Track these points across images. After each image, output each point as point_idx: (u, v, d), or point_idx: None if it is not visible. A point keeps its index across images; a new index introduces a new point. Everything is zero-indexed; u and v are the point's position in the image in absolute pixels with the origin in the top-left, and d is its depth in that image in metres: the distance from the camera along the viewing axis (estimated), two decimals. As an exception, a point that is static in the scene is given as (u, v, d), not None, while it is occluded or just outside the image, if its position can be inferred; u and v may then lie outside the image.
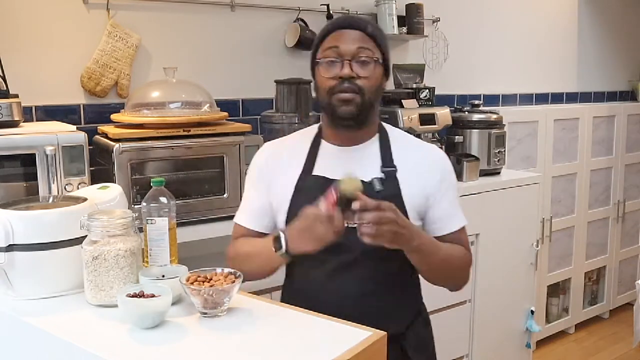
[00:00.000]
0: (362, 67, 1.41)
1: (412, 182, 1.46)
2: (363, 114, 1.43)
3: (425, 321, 1.59)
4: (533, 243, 3.06)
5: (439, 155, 1.54)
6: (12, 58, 2.06)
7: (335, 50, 1.41)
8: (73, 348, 1.14)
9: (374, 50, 1.43)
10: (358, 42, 1.41)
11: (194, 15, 2.51)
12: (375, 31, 1.44)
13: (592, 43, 4.23)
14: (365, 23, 1.45)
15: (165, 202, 1.41)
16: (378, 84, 1.44)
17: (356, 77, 1.40)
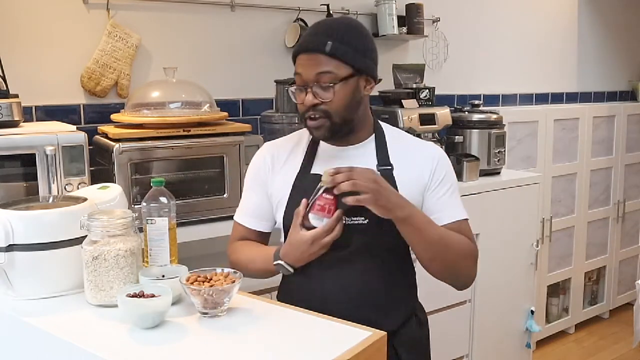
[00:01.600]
0: (325, 91, 1.39)
1: (408, 179, 1.46)
2: (338, 133, 1.44)
3: (420, 322, 1.58)
4: (533, 243, 3.06)
5: (435, 151, 1.53)
6: (12, 58, 2.06)
7: (299, 77, 1.42)
8: (73, 348, 1.14)
9: (337, 71, 1.39)
10: (317, 67, 1.38)
11: (194, 15, 2.51)
12: (336, 47, 1.38)
13: (592, 43, 4.23)
14: (324, 41, 1.38)
15: (165, 202, 1.41)
16: (347, 101, 1.41)
17: (320, 103, 1.40)
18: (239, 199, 2.15)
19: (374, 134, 1.52)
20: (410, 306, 1.56)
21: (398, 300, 1.51)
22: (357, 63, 1.41)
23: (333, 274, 1.45)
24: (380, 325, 1.22)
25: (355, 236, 1.43)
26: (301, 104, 1.43)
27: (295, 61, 1.44)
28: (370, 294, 1.45)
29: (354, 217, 1.43)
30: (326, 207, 1.34)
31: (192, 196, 2.10)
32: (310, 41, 1.41)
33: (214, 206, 2.13)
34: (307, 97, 1.40)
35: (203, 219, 2.12)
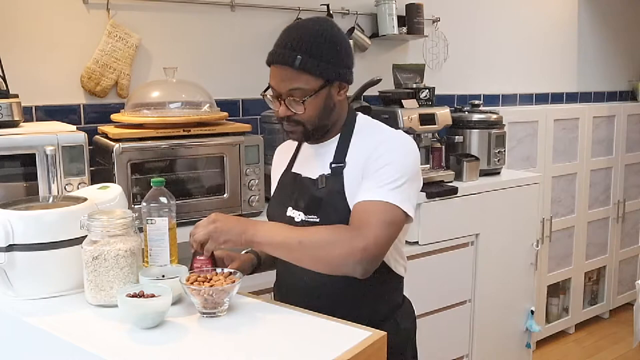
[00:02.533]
0: (296, 105, 1.41)
1: (356, 174, 1.42)
2: (313, 136, 1.48)
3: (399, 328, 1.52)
4: (533, 243, 3.06)
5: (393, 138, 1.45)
6: (12, 58, 2.06)
7: (272, 88, 1.46)
8: (73, 348, 1.14)
9: (306, 85, 1.39)
10: (288, 81, 1.40)
11: (194, 15, 2.51)
12: (305, 61, 1.36)
13: (592, 43, 4.23)
14: (293, 55, 1.37)
15: (165, 202, 1.41)
16: (319, 111, 1.42)
17: (293, 114, 1.43)
18: (239, 199, 2.18)
19: (341, 132, 1.50)
20: (380, 310, 1.50)
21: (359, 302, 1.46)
22: (327, 74, 1.40)
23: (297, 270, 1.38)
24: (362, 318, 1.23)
25: None
26: (276, 111, 1.47)
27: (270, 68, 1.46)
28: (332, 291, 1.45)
29: (309, 215, 1.46)
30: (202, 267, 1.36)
31: (192, 196, 2.10)
32: (280, 54, 1.40)
33: (214, 206, 2.13)
34: (281, 108, 1.44)
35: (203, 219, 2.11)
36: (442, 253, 2.64)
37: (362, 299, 1.48)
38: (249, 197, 2.19)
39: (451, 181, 2.77)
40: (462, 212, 2.71)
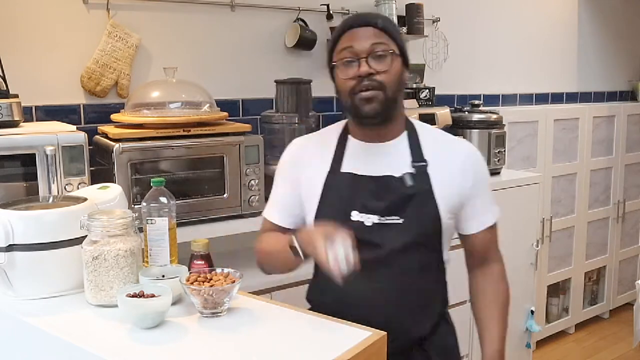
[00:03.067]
0: (380, 62, 1.37)
1: (443, 178, 1.42)
2: (387, 110, 1.40)
3: (449, 325, 1.57)
4: (533, 243, 3.06)
5: (470, 150, 1.50)
6: (12, 58, 2.06)
7: (350, 50, 1.38)
8: (73, 348, 1.14)
9: (389, 43, 1.39)
10: (371, 38, 1.38)
11: (194, 15, 2.51)
12: (387, 24, 1.41)
13: (592, 43, 4.23)
14: (375, 18, 1.41)
15: (165, 202, 1.41)
16: (398, 76, 1.40)
17: (375, 73, 1.37)
18: (239, 199, 2.17)
19: (407, 130, 1.47)
20: (441, 310, 1.53)
21: (431, 304, 1.48)
22: (402, 44, 1.43)
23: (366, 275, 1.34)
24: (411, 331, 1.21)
25: (392, 236, 1.39)
26: (351, 78, 1.38)
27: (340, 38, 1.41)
28: (403, 298, 1.41)
29: (389, 216, 1.39)
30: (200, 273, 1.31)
31: (192, 196, 2.10)
32: (360, 17, 1.42)
33: (214, 206, 2.13)
34: (362, 67, 1.37)
35: (203, 219, 2.12)
36: (442, 253, 2.64)
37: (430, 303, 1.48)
38: (249, 197, 2.19)
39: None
40: (462, 212, 2.71)
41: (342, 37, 1.41)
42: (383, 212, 1.39)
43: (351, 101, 1.39)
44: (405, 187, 1.40)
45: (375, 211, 1.39)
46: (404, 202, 1.39)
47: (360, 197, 1.41)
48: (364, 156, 1.45)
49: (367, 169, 1.43)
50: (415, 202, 1.39)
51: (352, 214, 1.40)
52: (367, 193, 1.41)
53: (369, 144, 1.46)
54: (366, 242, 1.35)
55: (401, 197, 1.39)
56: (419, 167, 1.42)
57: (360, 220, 1.40)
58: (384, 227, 1.38)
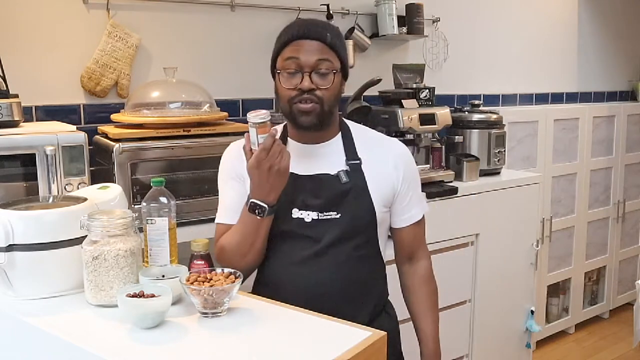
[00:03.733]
0: (322, 79, 1.45)
1: (376, 173, 1.52)
2: (324, 121, 1.48)
3: (390, 316, 1.63)
4: (533, 243, 3.06)
5: (401, 149, 1.60)
6: (12, 58, 2.06)
7: (295, 62, 1.44)
8: (73, 348, 1.14)
9: (334, 61, 1.46)
10: (317, 53, 1.44)
11: (194, 15, 2.51)
12: (334, 40, 1.46)
13: (592, 43, 4.23)
14: (324, 32, 1.46)
15: (165, 202, 1.41)
16: (337, 92, 1.49)
17: (316, 89, 1.44)
18: (239, 199, 2.17)
19: (341, 131, 1.57)
20: (381, 301, 1.60)
21: (370, 294, 1.55)
22: (344, 59, 1.50)
23: (306, 268, 1.48)
24: (354, 318, 1.26)
25: (329, 230, 1.47)
26: (292, 88, 1.45)
27: (285, 46, 1.46)
28: (343, 288, 1.49)
29: (327, 211, 1.48)
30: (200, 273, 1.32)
31: (192, 196, 2.10)
32: (310, 30, 1.45)
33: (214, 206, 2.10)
34: (304, 82, 1.43)
35: (203, 219, 2.11)
36: (442, 253, 2.64)
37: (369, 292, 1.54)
38: (249, 197, 2.19)
39: (451, 181, 2.77)
40: (462, 212, 2.71)
41: (289, 45, 1.46)
42: (321, 208, 1.48)
43: (290, 109, 1.47)
44: (340, 184, 1.49)
45: (314, 208, 1.48)
46: (340, 197, 1.48)
47: (299, 195, 1.49)
48: (302, 157, 1.52)
49: (305, 169, 1.51)
50: (350, 197, 1.48)
51: (293, 212, 1.49)
52: (306, 191, 1.49)
53: (306, 146, 1.54)
54: (306, 237, 1.47)
55: (337, 193, 1.48)
56: (353, 165, 1.51)
57: (301, 217, 1.48)
58: (322, 222, 1.47)
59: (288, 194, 1.48)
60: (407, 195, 1.57)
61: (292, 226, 1.49)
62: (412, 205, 1.59)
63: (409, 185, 1.57)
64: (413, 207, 1.59)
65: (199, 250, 1.52)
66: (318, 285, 1.47)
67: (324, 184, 1.49)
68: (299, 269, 1.49)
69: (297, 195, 1.49)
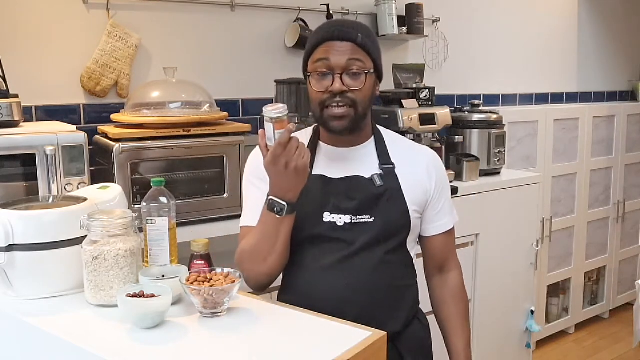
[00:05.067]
0: (354, 80, 1.40)
1: (410, 178, 1.49)
2: (357, 126, 1.44)
3: (423, 325, 1.59)
4: (533, 243, 3.06)
5: (433, 155, 1.58)
6: (12, 58, 2.06)
7: (326, 63, 1.40)
8: (73, 348, 1.14)
9: (365, 61, 1.42)
10: (348, 54, 1.40)
11: (194, 15, 2.51)
12: (365, 40, 1.42)
13: (592, 43, 4.23)
14: (355, 32, 1.42)
15: (165, 202, 1.41)
16: (370, 94, 1.44)
17: (348, 91, 1.40)
18: (239, 199, 2.17)
19: (374, 136, 1.54)
20: (413, 308, 1.55)
21: (402, 301, 1.50)
22: (377, 60, 1.46)
23: (337, 272, 1.43)
24: (385, 326, 1.22)
25: (362, 234, 1.43)
26: (323, 91, 1.40)
27: (317, 48, 1.42)
28: (375, 293, 1.44)
29: (360, 215, 1.43)
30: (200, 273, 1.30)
31: (192, 196, 2.10)
32: (340, 30, 1.41)
33: (214, 206, 2.13)
34: (335, 83, 1.38)
35: (203, 219, 2.12)
36: (442, 253, 2.64)
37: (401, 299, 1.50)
38: (249, 197, 2.19)
39: (451, 181, 2.77)
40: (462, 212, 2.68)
41: (320, 47, 1.42)
42: (355, 211, 1.43)
43: (321, 114, 1.43)
44: (375, 187, 1.45)
45: (347, 211, 1.43)
46: (374, 201, 1.44)
47: (331, 199, 1.44)
48: (334, 160, 1.49)
49: (337, 172, 1.47)
50: (385, 201, 1.44)
51: (324, 215, 1.44)
52: (339, 194, 1.45)
53: (339, 149, 1.50)
54: (338, 240, 1.43)
55: (371, 196, 1.44)
56: (386, 169, 1.48)
57: (333, 220, 1.43)
58: (356, 225, 1.43)
59: (319, 197, 1.44)
60: (440, 202, 1.53)
61: (323, 230, 1.44)
62: (444, 213, 1.55)
63: (441, 192, 1.53)
64: (445, 215, 1.55)
65: (199, 250, 1.52)
66: (348, 289, 1.42)
67: (357, 187, 1.44)
68: (329, 273, 1.44)
69: (328, 199, 1.44)
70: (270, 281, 1.47)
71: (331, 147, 1.51)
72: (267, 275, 1.45)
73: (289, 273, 1.51)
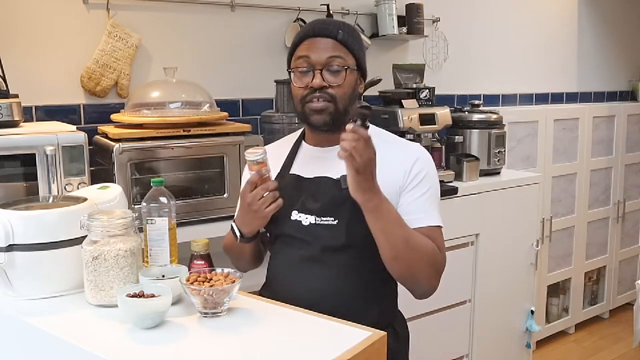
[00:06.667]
0: (334, 76, 1.42)
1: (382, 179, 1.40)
2: (337, 121, 1.44)
3: (397, 335, 1.52)
4: (533, 243, 3.06)
5: (417, 150, 1.50)
6: (12, 58, 2.06)
7: (306, 60, 1.43)
8: (73, 348, 1.14)
9: (346, 58, 1.43)
10: (329, 50, 1.42)
11: (194, 15, 2.51)
12: (346, 37, 1.44)
13: (592, 43, 4.23)
14: (336, 29, 1.44)
15: (165, 202, 1.41)
16: (351, 90, 1.45)
17: (328, 87, 1.41)
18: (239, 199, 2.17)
19: None
20: (384, 315, 1.50)
21: (370, 307, 1.46)
22: (360, 57, 1.47)
23: (302, 273, 1.45)
24: None
25: (324, 236, 1.43)
26: (304, 87, 1.43)
27: (298, 46, 1.46)
28: (338, 300, 1.42)
29: (324, 217, 1.43)
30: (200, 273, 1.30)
31: (192, 196, 2.10)
32: (321, 27, 1.44)
33: (214, 206, 2.13)
34: (315, 79, 1.41)
35: (203, 219, 2.11)
36: (442, 253, 2.64)
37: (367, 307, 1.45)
38: (249, 197, 2.19)
39: (451, 181, 2.78)
40: (462, 212, 2.71)
41: (301, 44, 1.46)
42: (318, 212, 1.44)
43: (302, 109, 1.45)
44: (340, 190, 1.41)
45: (312, 211, 1.45)
46: (338, 204, 1.43)
47: (300, 198, 1.46)
48: (311, 160, 1.51)
49: (310, 172, 1.49)
50: (349, 204, 1.38)
51: (292, 214, 1.47)
52: (307, 194, 1.46)
53: (318, 149, 1.52)
54: (302, 240, 1.45)
55: (335, 199, 1.43)
56: None
57: (299, 219, 1.45)
58: (319, 227, 1.44)
59: (290, 196, 1.46)
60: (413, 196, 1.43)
61: (289, 228, 1.47)
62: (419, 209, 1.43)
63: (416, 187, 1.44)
64: (420, 211, 1.43)
65: (199, 250, 1.52)
66: (310, 293, 1.41)
67: (323, 188, 1.45)
68: (295, 272, 1.47)
69: (298, 198, 1.47)
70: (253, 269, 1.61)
71: (311, 147, 1.53)
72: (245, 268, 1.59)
73: (269, 266, 1.58)
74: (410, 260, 1.38)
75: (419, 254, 1.38)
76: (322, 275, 1.44)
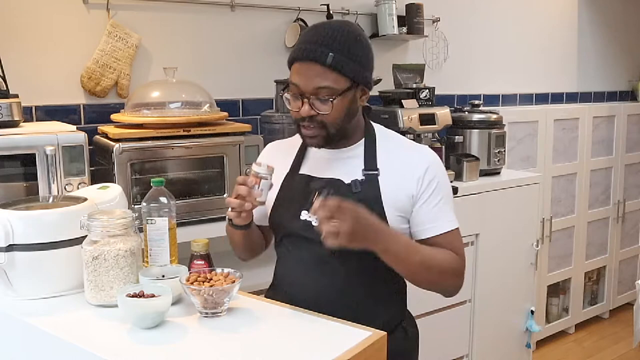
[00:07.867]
0: (323, 104, 1.37)
1: (394, 183, 1.43)
2: (334, 140, 1.43)
3: (407, 334, 1.53)
4: (533, 243, 3.06)
5: (428, 156, 1.49)
6: (12, 58, 2.06)
7: (296, 87, 1.39)
8: (73, 348, 1.14)
9: (335, 84, 1.36)
10: (316, 79, 1.35)
11: (194, 15, 2.51)
12: (337, 59, 1.35)
13: (592, 43, 4.23)
14: (326, 51, 1.34)
15: (165, 202, 1.42)
16: (344, 113, 1.40)
17: (317, 115, 1.38)
18: (239, 199, 2.17)
19: (364, 138, 1.49)
20: (394, 316, 1.51)
21: (379, 307, 1.47)
22: (356, 76, 1.39)
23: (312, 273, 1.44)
24: None
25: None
26: (296, 111, 1.41)
27: (291, 66, 1.42)
28: (349, 300, 1.42)
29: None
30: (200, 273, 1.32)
31: (192, 196, 2.10)
32: (310, 50, 1.36)
33: (214, 206, 2.13)
34: (304, 108, 1.38)
35: (203, 219, 2.12)
36: (442, 253, 2.64)
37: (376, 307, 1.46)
38: (249, 197, 2.19)
39: (451, 181, 2.77)
40: (462, 212, 2.69)
41: (293, 66, 1.42)
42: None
43: (298, 130, 1.45)
44: (351, 193, 1.41)
45: None
46: None
47: (310, 197, 1.43)
48: (321, 161, 1.50)
49: (322, 172, 1.48)
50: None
51: (302, 214, 1.45)
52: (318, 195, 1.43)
53: (327, 150, 1.49)
54: (312, 240, 1.40)
55: None
56: (369, 175, 1.44)
57: (309, 220, 1.43)
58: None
59: (300, 196, 1.45)
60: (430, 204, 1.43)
61: (298, 228, 1.45)
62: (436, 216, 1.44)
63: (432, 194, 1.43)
64: (437, 219, 1.44)
65: (199, 250, 1.52)
66: (320, 294, 1.41)
67: (335, 191, 1.41)
68: (304, 273, 1.46)
69: (308, 198, 1.43)
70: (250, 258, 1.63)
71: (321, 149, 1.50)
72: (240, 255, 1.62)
73: (277, 267, 1.56)
74: (430, 277, 1.41)
75: (437, 270, 1.41)
76: (331, 276, 1.43)
